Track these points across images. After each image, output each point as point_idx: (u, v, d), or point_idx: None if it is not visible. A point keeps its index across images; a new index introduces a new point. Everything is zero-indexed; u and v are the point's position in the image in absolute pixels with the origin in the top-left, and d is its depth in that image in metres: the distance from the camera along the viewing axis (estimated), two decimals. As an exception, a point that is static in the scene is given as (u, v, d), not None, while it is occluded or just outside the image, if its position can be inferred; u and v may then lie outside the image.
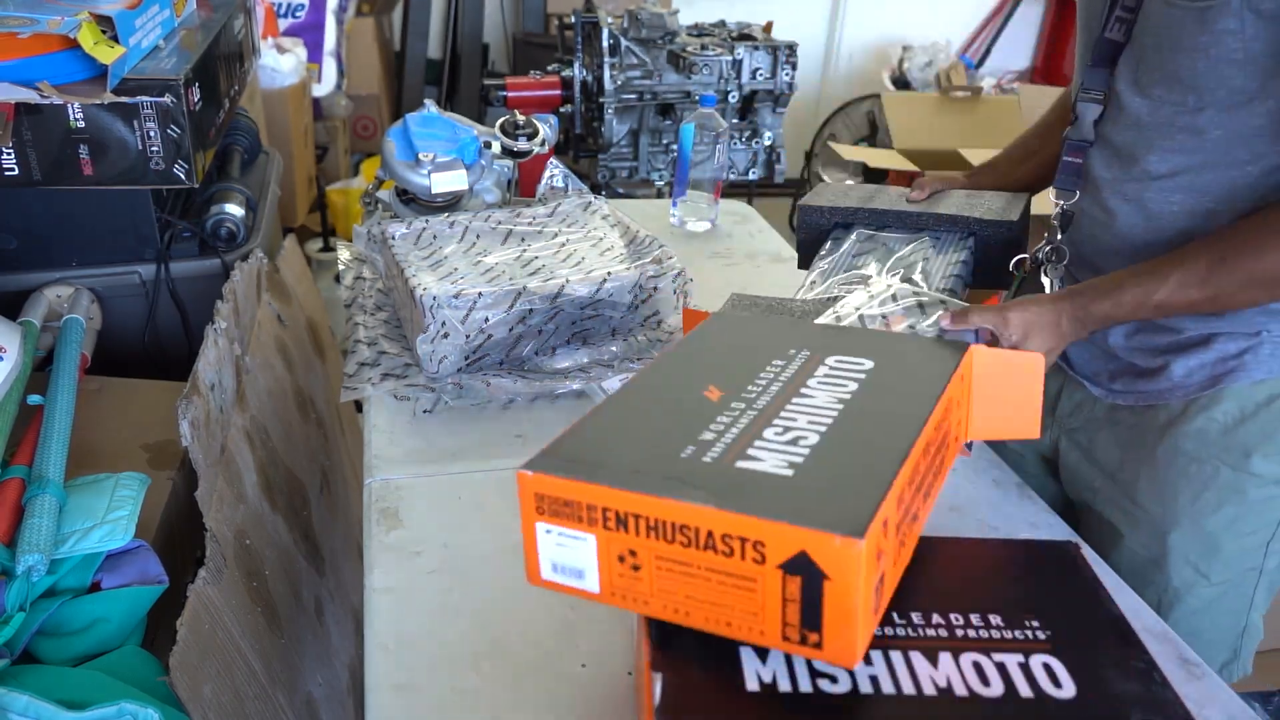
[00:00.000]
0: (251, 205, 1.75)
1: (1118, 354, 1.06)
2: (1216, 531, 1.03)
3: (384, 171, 1.49)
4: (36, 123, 1.37)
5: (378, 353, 1.24)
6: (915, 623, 0.70)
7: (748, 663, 0.66)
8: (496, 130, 1.54)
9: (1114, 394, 1.07)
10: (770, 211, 2.21)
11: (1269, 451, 1.00)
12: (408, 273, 1.19)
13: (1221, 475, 1.01)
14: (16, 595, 0.98)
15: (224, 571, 1.08)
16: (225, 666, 1.01)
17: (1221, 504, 1.02)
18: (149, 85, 1.39)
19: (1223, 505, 1.02)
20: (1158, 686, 0.66)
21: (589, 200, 1.42)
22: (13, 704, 0.88)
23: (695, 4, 3.84)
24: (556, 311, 1.17)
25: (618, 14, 2.47)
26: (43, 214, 1.51)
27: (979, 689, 0.65)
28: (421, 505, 1.00)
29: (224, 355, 1.31)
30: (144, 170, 1.43)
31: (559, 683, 0.79)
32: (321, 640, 1.36)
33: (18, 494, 1.08)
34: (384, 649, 0.82)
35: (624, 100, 2.41)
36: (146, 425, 1.34)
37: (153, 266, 1.59)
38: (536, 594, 0.88)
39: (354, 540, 1.69)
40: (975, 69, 4.29)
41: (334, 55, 3.46)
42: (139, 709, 0.90)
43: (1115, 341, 1.06)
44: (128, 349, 1.61)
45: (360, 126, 3.87)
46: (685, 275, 1.25)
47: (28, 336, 1.34)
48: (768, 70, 2.43)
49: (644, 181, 2.54)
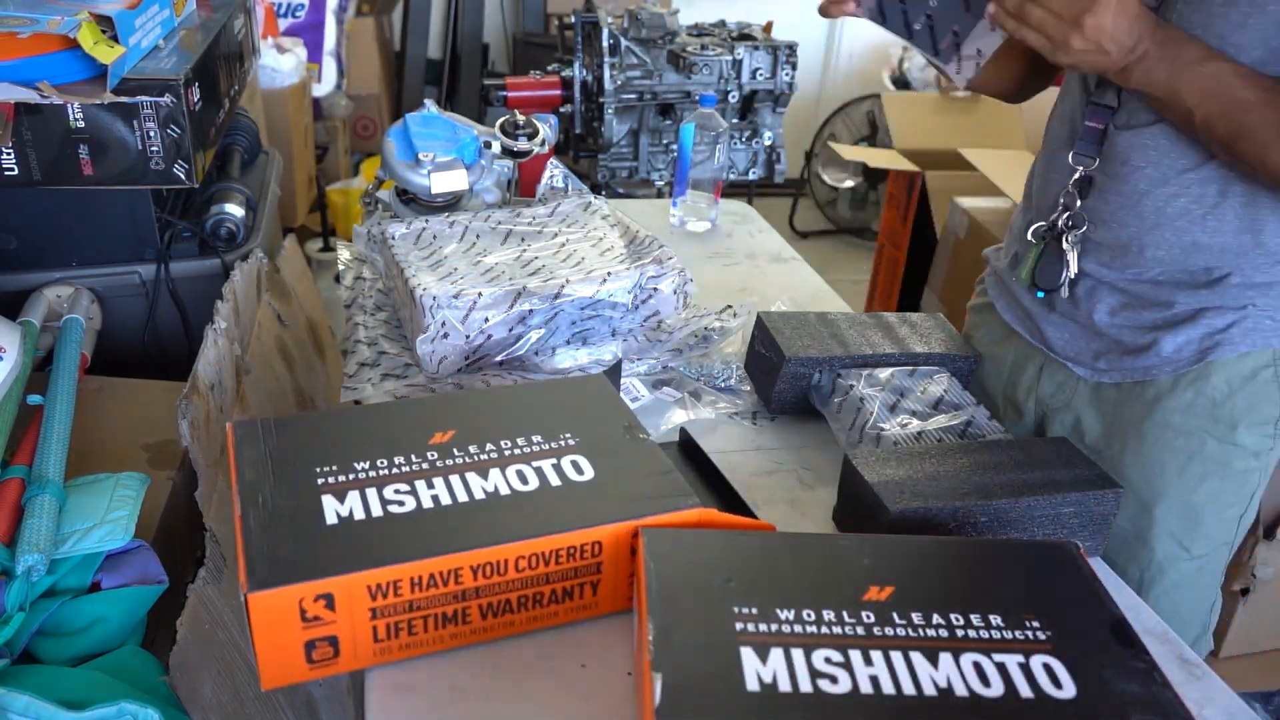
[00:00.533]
0: (251, 205, 1.75)
1: (1103, 332, 1.07)
2: (1199, 504, 1.05)
3: (384, 171, 1.49)
4: (36, 123, 1.37)
5: (378, 353, 1.24)
6: (915, 623, 0.70)
7: (748, 663, 0.66)
8: (496, 130, 1.54)
9: (1099, 373, 1.08)
10: (770, 211, 2.21)
11: (1253, 422, 1.02)
12: (408, 273, 1.19)
13: (1208, 447, 1.03)
14: (16, 595, 0.98)
15: (224, 571, 1.08)
16: (225, 666, 1.01)
17: (1206, 476, 1.04)
18: (149, 85, 1.39)
19: (1207, 478, 1.04)
20: (1158, 686, 0.66)
21: (589, 200, 1.42)
22: (13, 704, 0.88)
23: (695, 4, 3.84)
24: (556, 312, 1.17)
25: (618, 14, 2.47)
26: (43, 214, 1.51)
27: (979, 689, 0.65)
28: (421, 505, 0.99)
29: (224, 355, 1.31)
30: (144, 170, 1.44)
31: (559, 683, 0.79)
32: (321, 640, 1.36)
33: (18, 494, 1.08)
34: (384, 649, 0.82)
35: (624, 100, 2.41)
36: (146, 425, 1.34)
37: (153, 266, 1.59)
38: (536, 594, 0.88)
39: (354, 540, 1.69)
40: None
41: (334, 55, 3.46)
42: (139, 709, 0.90)
43: (1100, 319, 1.06)
44: (128, 349, 1.61)
45: (360, 126, 3.87)
46: (685, 275, 1.25)
47: (28, 336, 1.34)
48: (768, 70, 2.43)
49: (644, 181, 2.53)
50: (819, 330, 1.17)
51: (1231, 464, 1.04)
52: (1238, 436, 1.03)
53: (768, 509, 1.02)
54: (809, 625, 0.69)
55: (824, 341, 1.14)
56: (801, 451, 1.12)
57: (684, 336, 1.25)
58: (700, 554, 0.76)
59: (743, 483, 1.06)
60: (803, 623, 0.69)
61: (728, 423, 1.16)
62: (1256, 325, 1.00)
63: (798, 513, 1.02)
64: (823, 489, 1.05)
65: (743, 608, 0.70)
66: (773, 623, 0.69)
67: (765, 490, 1.05)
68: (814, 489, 1.06)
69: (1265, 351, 1.01)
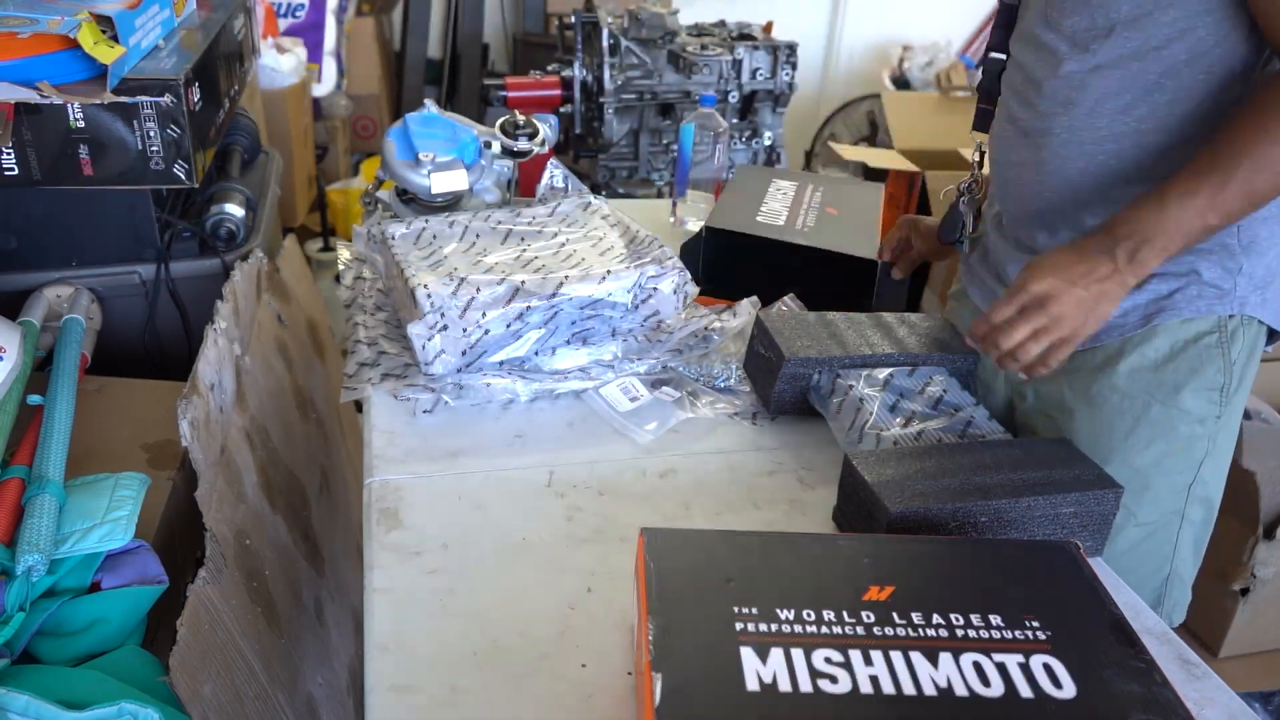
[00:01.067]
0: (251, 205, 1.75)
1: None
2: (1145, 468, 1.07)
3: (384, 171, 1.49)
4: (36, 123, 1.37)
5: (378, 353, 1.24)
6: (915, 623, 0.70)
7: (748, 662, 0.66)
8: (496, 130, 1.54)
9: None
10: (770, 211, 2.20)
11: (1197, 387, 1.05)
12: (408, 272, 1.19)
13: (1152, 411, 1.06)
14: (16, 595, 0.98)
15: (224, 571, 1.08)
16: (225, 666, 1.01)
17: (1152, 440, 1.07)
18: (149, 85, 1.39)
19: (1153, 441, 1.07)
20: (1158, 686, 0.66)
21: (589, 200, 1.42)
22: (13, 704, 0.88)
23: (695, 4, 3.84)
24: (556, 311, 1.17)
25: (618, 14, 2.47)
26: (43, 214, 1.51)
27: (979, 689, 0.65)
28: (421, 505, 1.00)
29: (224, 355, 1.31)
30: (144, 170, 1.43)
31: (559, 683, 0.79)
32: (321, 640, 1.36)
33: (18, 494, 1.08)
34: (383, 649, 0.82)
35: (624, 100, 2.41)
36: (146, 425, 1.34)
37: (153, 266, 1.59)
38: (536, 594, 0.88)
39: (354, 540, 1.69)
40: (975, 69, 4.28)
41: (334, 55, 3.45)
42: (139, 709, 0.90)
43: None
44: (128, 349, 1.61)
45: (360, 126, 3.86)
46: (685, 275, 1.25)
47: (28, 336, 1.34)
48: (768, 70, 2.43)
49: (644, 181, 2.54)
50: (818, 330, 1.17)
51: (1177, 428, 1.06)
52: (1181, 400, 1.05)
53: (768, 509, 1.02)
54: (809, 625, 0.69)
55: (823, 342, 1.14)
56: (801, 451, 1.12)
57: (684, 336, 1.25)
58: (700, 554, 0.76)
59: (743, 483, 1.06)
60: (803, 623, 0.69)
61: (728, 423, 1.16)
62: (1200, 293, 1.03)
63: (798, 513, 1.02)
64: (823, 489, 1.05)
65: (743, 608, 0.70)
66: (773, 623, 0.69)
67: (765, 490, 1.05)
68: (814, 489, 1.06)
69: (1209, 318, 1.03)
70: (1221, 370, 1.05)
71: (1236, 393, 1.07)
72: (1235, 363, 1.05)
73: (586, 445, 1.11)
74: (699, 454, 1.10)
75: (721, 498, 1.03)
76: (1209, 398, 1.06)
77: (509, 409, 1.17)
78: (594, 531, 0.97)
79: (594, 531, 0.97)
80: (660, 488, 1.04)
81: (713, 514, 1.01)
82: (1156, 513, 1.10)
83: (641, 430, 1.12)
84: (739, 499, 1.03)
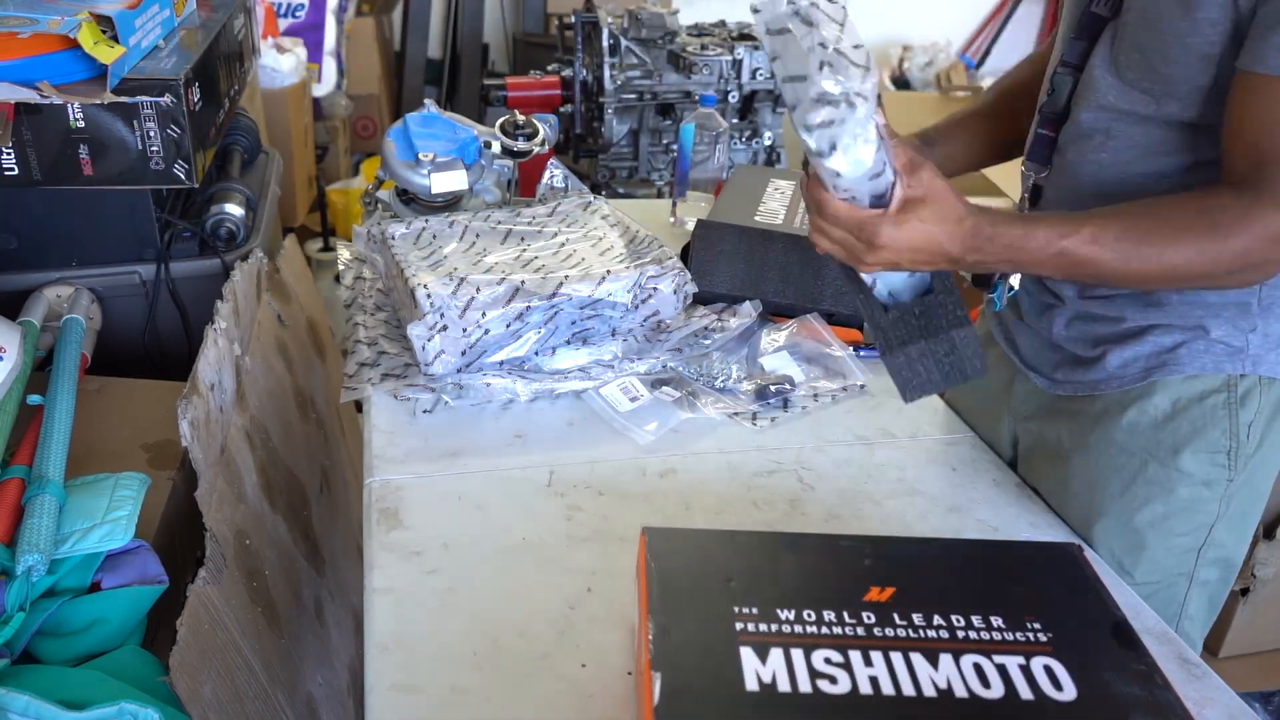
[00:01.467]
0: (251, 205, 1.75)
1: (1059, 344, 1.05)
2: (1142, 528, 1.01)
3: (384, 171, 1.49)
4: (36, 123, 1.37)
5: (378, 353, 1.24)
6: (916, 624, 0.70)
7: (747, 663, 0.66)
8: (496, 130, 1.54)
9: (1056, 384, 1.06)
10: (770, 211, 2.20)
11: (1198, 448, 0.98)
12: (408, 272, 1.19)
13: (1149, 469, 0.99)
14: (16, 595, 0.98)
15: (224, 571, 1.08)
16: (225, 666, 1.01)
17: (1149, 499, 1.00)
18: (149, 85, 1.39)
19: (1150, 501, 1.00)
20: (1159, 688, 0.66)
21: (589, 200, 1.42)
22: (13, 704, 0.88)
23: (695, 4, 3.84)
24: (556, 311, 1.17)
25: (618, 14, 2.47)
26: (43, 214, 1.51)
27: (979, 690, 0.65)
28: (421, 505, 1.00)
29: (224, 355, 1.31)
30: (144, 170, 1.43)
31: (559, 683, 0.79)
32: (321, 640, 1.36)
33: (18, 494, 1.08)
34: (383, 649, 0.82)
35: (624, 100, 2.41)
36: (146, 425, 1.34)
37: (153, 266, 1.59)
38: (536, 594, 0.88)
39: (354, 540, 1.69)
40: (975, 69, 4.29)
41: (334, 55, 3.45)
42: (139, 709, 0.90)
43: (1057, 331, 1.05)
44: (128, 349, 1.61)
45: (360, 126, 3.86)
46: (685, 275, 1.25)
47: (28, 336, 1.34)
48: (768, 70, 2.43)
49: (644, 181, 2.53)
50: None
51: (1176, 490, 0.99)
52: (1180, 461, 0.98)
53: (768, 509, 1.02)
54: (809, 625, 0.69)
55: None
56: (801, 451, 1.12)
57: (684, 336, 1.25)
58: (701, 554, 0.76)
59: (743, 483, 1.06)
60: (803, 623, 0.69)
61: (728, 423, 1.16)
62: (1208, 349, 0.96)
63: (798, 513, 1.02)
64: (823, 489, 1.05)
65: (743, 608, 0.70)
66: (773, 623, 0.69)
67: (765, 490, 1.05)
68: (814, 489, 1.06)
69: (1217, 377, 0.97)
70: (1227, 433, 0.97)
71: (1254, 455, 0.98)
72: (1248, 425, 0.97)
73: (586, 445, 1.11)
74: (699, 454, 1.10)
75: (721, 498, 1.03)
76: (1213, 460, 0.98)
77: (509, 409, 1.17)
78: (594, 531, 0.97)
79: (594, 531, 0.97)
80: (660, 488, 1.04)
81: (713, 514, 1.01)
82: (1158, 574, 1.03)
83: (641, 430, 1.12)
84: (739, 499, 1.03)
